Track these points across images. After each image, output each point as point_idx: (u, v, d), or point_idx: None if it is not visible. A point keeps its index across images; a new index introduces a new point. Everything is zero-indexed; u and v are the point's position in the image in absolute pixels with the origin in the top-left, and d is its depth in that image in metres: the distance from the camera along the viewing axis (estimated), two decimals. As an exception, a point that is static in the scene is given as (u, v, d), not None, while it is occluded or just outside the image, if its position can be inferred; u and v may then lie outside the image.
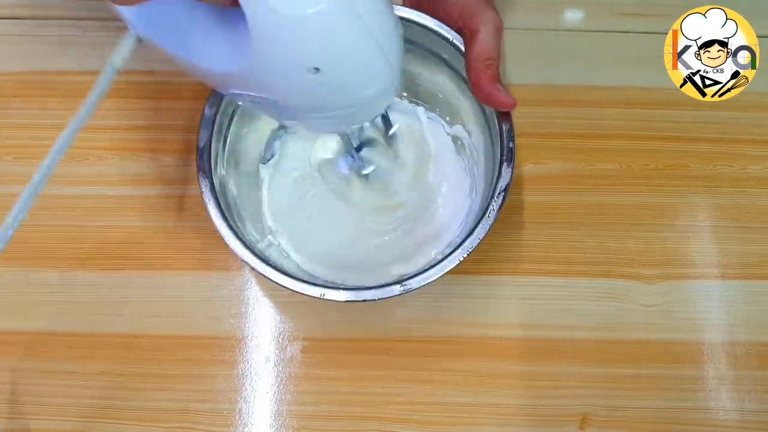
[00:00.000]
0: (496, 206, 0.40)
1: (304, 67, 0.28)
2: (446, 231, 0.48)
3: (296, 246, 0.48)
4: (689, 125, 0.53)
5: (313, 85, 0.29)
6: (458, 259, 0.39)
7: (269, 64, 0.28)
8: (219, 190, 0.42)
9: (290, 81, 0.29)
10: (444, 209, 0.49)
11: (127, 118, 0.53)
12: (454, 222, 0.48)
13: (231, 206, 0.43)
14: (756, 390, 0.47)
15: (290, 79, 0.29)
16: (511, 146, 0.41)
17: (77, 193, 0.51)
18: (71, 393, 0.47)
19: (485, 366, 0.47)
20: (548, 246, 0.50)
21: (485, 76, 0.39)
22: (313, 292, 0.39)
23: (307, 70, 0.28)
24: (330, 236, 0.49)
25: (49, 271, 0.49)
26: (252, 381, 0.47)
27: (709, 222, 0.51)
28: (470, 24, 0.40)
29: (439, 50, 0.44)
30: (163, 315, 0.48)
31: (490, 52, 0.39)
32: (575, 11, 0.57)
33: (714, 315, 0.49)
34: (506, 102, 0.39)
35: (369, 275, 0.47)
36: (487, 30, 0.39)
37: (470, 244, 0.39)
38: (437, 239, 0.48)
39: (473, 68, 0.40)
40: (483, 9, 0.40)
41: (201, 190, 0.41)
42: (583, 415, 0.47)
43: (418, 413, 0.47)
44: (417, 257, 0.48)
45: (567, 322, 0.48)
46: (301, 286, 0.39)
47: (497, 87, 0.39)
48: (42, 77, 0.53)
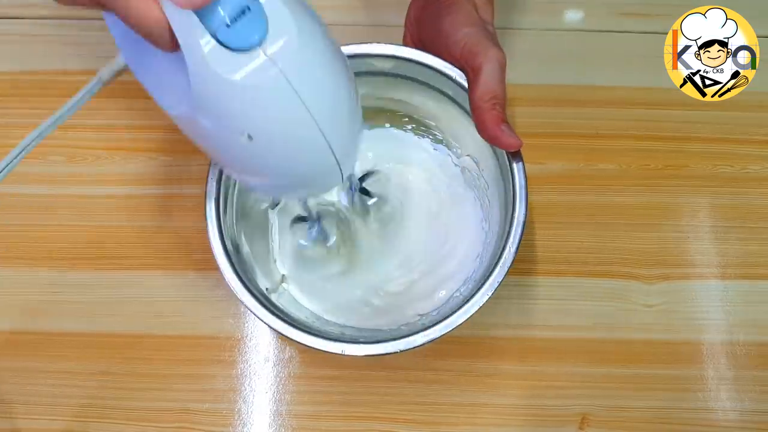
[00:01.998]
0: (513, 247, 0.38)
1: (237, 131, 0.27)
2: (463, 267, 0.47)
3: (309, 295, 0.47)
4: (689, 125, 0.53)
5: (246, 150, 0.28)
6: (479, 304, 0.38)
7: (204, 119, 0.27)
8: (231, 247, 0.40)
9: (224, 140, 0.28)
10: (459, 244, 0.48)
11: (126, 118, 0.52)
12: (470, 254, 0.47)
13: (242, 257, 0.42)
14: (755, 390, 0.47)
15: (224, 138, 0.28)
16: (523, 183, 0.39)
17: (76, 193, 0.51)
18: (70, 393, 0.47)
19: (485, 366, 0.47)
20: (548, 246, 0.50)
21: (490, 117, 0.38)
22: (334, 348, 0.38)
23: (240, 134, 0.27)
24: (342, 286, 0.47)
25: (48, 271, 0.49)
26: (251, 381, 0.47)
27: (709, 222, 0.51)
28: (473, 62, 0.39)
29: (444, 87, 0.43)
30: (162, 315, 0.48)
31: (495, 90, 0.38)
32: (575, 11, 0.57)
33: (714, 315, 0.49)
34: (512, 143, 0.38)
35: (385, 317, 0.46)
36: (491, 68, 0.38)
37: (491, 286, 0.38)
38: (455, 275, 0.47)
39: (478, 108, 0.38)
40: (486, 47, 0.39)
41: (212, 246, 0.40)
42: (583, 415, 0.47)
43: (417, 414, 0.47)
44: (435, 294, 0.47)
45: (566, 322, 0.48)
46: (321, 343, 0.38)
47: (502, 128, 0.38)
48: (40, 77, 0.53)
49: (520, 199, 0.39)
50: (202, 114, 0.27)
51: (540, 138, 0.52)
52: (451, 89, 0.43)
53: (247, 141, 0.27)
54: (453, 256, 0.47)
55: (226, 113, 0.27)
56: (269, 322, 0.38)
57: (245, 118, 0.27)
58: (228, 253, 0.39)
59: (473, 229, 0.48)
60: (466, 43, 0.39)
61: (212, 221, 0.40)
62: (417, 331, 0.38)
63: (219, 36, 0.25)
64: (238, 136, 0.27)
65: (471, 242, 0.47)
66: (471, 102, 0.39)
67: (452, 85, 0.42)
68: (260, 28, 0.25)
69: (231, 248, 0.40)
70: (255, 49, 0.25)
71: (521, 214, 0.39)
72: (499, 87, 0.38)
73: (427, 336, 0.37)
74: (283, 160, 0.29)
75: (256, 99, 0.26)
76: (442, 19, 0.41)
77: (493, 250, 0.41)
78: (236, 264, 0.39)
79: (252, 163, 0.30)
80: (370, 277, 0.47)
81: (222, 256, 0.39)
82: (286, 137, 0.28)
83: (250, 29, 0.25)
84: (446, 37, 0.40)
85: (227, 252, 0.39)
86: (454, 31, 0.40)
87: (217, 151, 0.31)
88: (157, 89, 0.30)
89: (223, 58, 0.25)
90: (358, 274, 0.48)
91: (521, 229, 0.38)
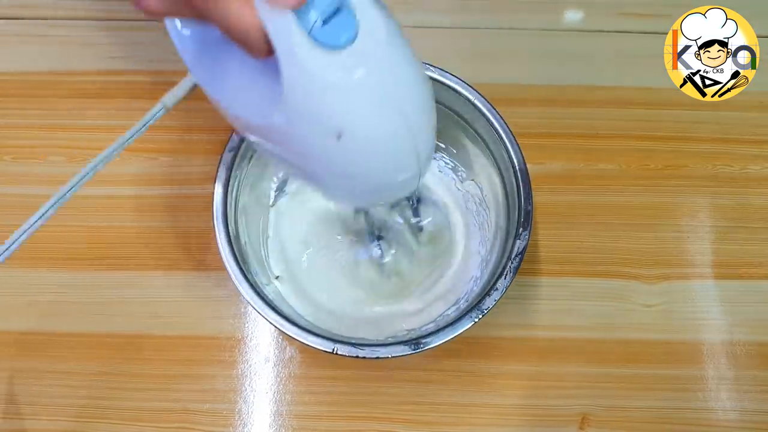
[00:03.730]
0: (512, 267, 0.40)
1: (328, 131, 0.27)
2: (455, 288, 0.47)
3: (299, 296, 0.47)
4: (689, 125, 0.53)
5: (333, 151, 0.28)
6: (473, 320, 0.40)
7: (295, 123, 0.27)
8: (233, 235, 0.41)
9: (312, 143, 0.28)
10: (456, 268, 0.48)
11: (126, 119, 0.52)
12: (463, 277, 0.48)
13: (242, 249, 0.43)
14: (756, 390, 0.47)
15: (312, 140, 0.28)
16: (528, 209, 0.40)
17: (76, 194, 0.50)
18: (70, 393, 0.47)
19: (485, 366, 0.47)
20: (548, 246, 0.50)
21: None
22: (326, 346, 0.39)
23: (329, 134, 0.27)
24: (334, 296, 0.48)
25: (47, 272, 0.49)
26: (251, 381, 0.47)
27: (708, 222, 0.51)
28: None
29: (462, 111, 0.44)
30: (163, 315, 0.48)
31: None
32: (575, 11, 0.57)
33: (714, 315, 0.49)
34: None
35: (375, 329, 0.46)
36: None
37: (487, 305, 0.40)
38: (446, 295, 0.48)
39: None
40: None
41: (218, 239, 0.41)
42: (583, 415, 0.47)
43: (418, 414, 0.47)
44: (427, 311, 0.47)
45: (566, 322, 0.48)
46: (316, 341, 0.39)
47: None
48: (41, 77, 0.53)
49: (523, 226, 0.40)
50: (294, 117, 0.27)
51: (540, 138, 0.52)
52: (468, 113, 0.43)
53: (335, 141, 0.27)
54: (450, 277, 0.48)
55: (319, 114, 0.27)
56: (271, 317, 0.39)
57: (337, 117, 0.27)
58: (230, 240, 0.40)
59: (472, 254, 0.48)
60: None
61: (218, 207, 0.41)
62: (410, 341, 0.39)
63: (314, 35, 0.25)
64: (327, 137, 0.27)
65: (466, 265, 0.48)
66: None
67: (471, 109, 0.42)
68: (352, 27, 0.26)
69: (233, 237, 0.41)
70: (348, 47, 0.26)
71: (524, 240, 0.40)
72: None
73: (419, 347, 0.39)
74: (372, 160, 0.30)
75: (350, 97, 0.26)
76: None
77: (489, 274, 0.42)
78: (237, 255, 0.40)
79: (339, 166, 0.30)
80: (364, 294, 0.48)
81: (225, 243, 0.40)
82: (377, 136, 0.28)
83: (343, 28, 0.25)
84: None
85: (230, 239, 0.40)
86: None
87: (303, 157, 0.30)
88: (236, 102, 0.29)
89: (318, 56, 0.25)
90: (353, 293, 0.48)
91: (524, 245, 0.40)
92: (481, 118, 0.42)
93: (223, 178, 0.41)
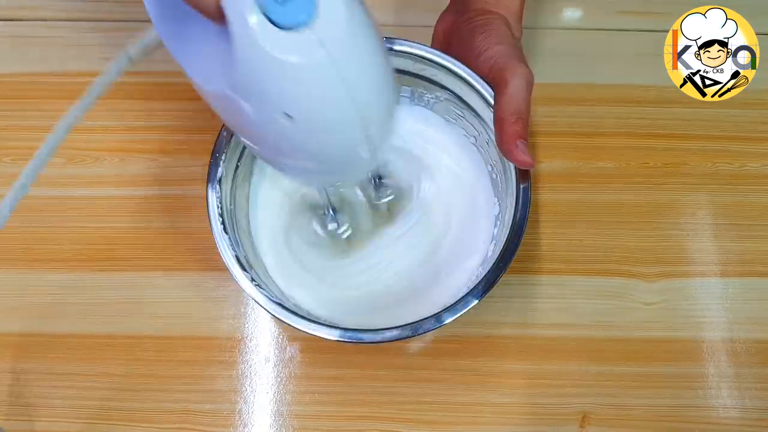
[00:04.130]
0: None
1: (277, 110, 0.27)
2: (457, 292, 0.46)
3: (296, 286, 0.46)
4: (688, 123, 0.53)
5: (284, 131, 0.28)
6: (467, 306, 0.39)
7: (244, 96, 0.27)
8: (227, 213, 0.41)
9: (262, 120, 0.28)
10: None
11: (125, 119, 0.52)
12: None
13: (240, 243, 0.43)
14: (756, 387, 0.47)
15: (262, 117, 0.28)
16: (525, 211, 0.40)
17: (75, 195, 0.51)
18: (70, 394, 0.47)
19: (485, 365, 0.47)
20: (548, 244, 0.50)
21: (511, 131, 0.38)
22: (331, 334, 0.39)
23: (279, 113, 0.27)
24: (332, 280, 0.47)
25: (47, 273, 0.49)
26: (252, 381, 0.47)
27: (708, 219, 0.51)
28: (501, 77, 0.39)
29: (467, 98, 0.44)
30: (162, 316, 0.48)
31: (520, 106, 0.38)
32: (574, 9, 0.57)
33: (714, 312, 0.49)
34: (525, 161, 0.38)
35: (373, 316, 0.45)
36: (518, 83, 0.38)
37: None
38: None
39: (500, 120, 0.39)
40: (515, 64, 0.39)
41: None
42: (584, 414, 0.47)
43: (418, 413, 0.47)
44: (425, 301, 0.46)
45: (566, 320, 0.48)
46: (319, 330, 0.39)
47: (518, 143, 0.38)
48: (40, 78, 0.53)
49: (519, 227, 0.40)
50: (243, 91, 0.27)
51: (539, 136, 0.52)
52: (474, 101, 0.43)
53: (286, 121, 0.27)
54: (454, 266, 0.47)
55: (268, 91, 0.26)
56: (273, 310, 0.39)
57: (288, 98, 0.27)
58: (224, 222, 0.40)
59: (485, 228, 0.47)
60: (496, 59, 0.40)
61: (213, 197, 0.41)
62: (410, 324, 0.39)
63: (269, 12, 0.24)
64: (278, 116, 0.27)
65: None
66: (495, 114, 0.39)
67: (475, 95, 0.42)
68: (310, 8, 0.25)
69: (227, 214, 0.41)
70: (303, 29, 0.25)
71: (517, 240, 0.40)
72: (523, 104, 0.38)
73: (417, 330, 0.39)
74: (321, 143, 0.29)
75: (300, 79, 0.26)
76: (475, 35, 0.41)
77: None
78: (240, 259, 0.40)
79: (287, 145, 0.29)
80: (363, 277, 0.47)
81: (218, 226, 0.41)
82: (326, 121, 0.28)
83: (300, 8, 0.25)
84: (477, 54, 0.40)
85: (224, 222, 0.41)
86: (486, 47, 0.40)
87: (252, 131, 0.30)
88: (193, 64, 0.29)
89: (270, 35, 0.25)
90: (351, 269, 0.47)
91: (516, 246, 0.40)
92: (483, 104, 0.42)
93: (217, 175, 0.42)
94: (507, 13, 0.43)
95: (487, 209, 0.47)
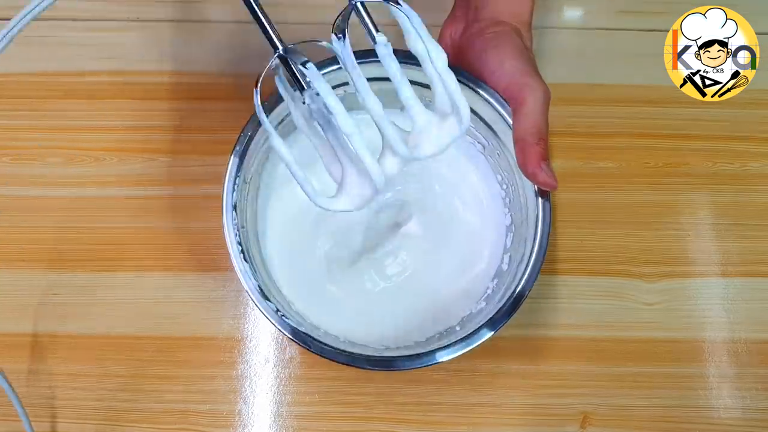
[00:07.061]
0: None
1: None
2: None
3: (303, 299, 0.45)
4: (689, 123, 0.53)
5: None
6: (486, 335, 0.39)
7: None
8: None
9: None
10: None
11: (125, 119, 0.52)
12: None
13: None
14: (757, 387, 0.47)
15: None
16: (546, 231, 0.40)
17: (75, 195, 0.50)
18: (70, 395, 0.47)
19: (486, 365, 0.47)
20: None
21: (533, 152, 0.38)
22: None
23: None
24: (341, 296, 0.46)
25: (47, 273, 0.49)
26: (251, 382, 0.47)
27: (709, 219, 0.51)
28: (518, 95, 0.39)
29: (477, 107, 0.43)
30: (162, 316, 0.48)
31: (540, 125, 0.38)
32: (575, 9, 0.56)
33: (715, 313, 0.49)
34: (549, 183, 0.38)
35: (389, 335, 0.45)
36: (535, 101, 0.38)
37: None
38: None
39: (521, 140, 0.38)
40: (532, 80, 0.39)
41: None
42: (584, 414, 0.47)
43: (419, 413, 0.47)
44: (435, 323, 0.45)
45: (567, 320, 0.48)
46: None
47: (542, 166, 0.37)
48: (40, 78, 0.53)
49: (540, 240, 0.40)
50: None
51: (540, 137, 0.52)
52: (487, 115, 0.42)
53: None
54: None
55: None
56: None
57: None
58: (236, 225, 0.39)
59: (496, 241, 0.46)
60: (512, 75, 0.39)
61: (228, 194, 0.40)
62: (431, 351, 0.38)
63: None
64: None
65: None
66: (515, 134, 0.39)
67: (491, 110, 0.41)
68: None
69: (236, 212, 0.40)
70: None
71: (539, 255, 0.40)
72: (543, 122, 0.38)
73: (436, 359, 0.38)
74: None
75: None
76: (488, 51, 0.40)
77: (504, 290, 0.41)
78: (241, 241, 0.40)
79: None
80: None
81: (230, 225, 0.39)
82: None
83: None
84: (491, 70, 0.40)
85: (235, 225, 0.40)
86: (500, 63, 0.40)
87: None
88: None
89: None
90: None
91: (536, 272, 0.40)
92: (499, 119, 0.41)
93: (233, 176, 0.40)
94: (518, 22, 0.42)
95: (495, 219, 0.46)
